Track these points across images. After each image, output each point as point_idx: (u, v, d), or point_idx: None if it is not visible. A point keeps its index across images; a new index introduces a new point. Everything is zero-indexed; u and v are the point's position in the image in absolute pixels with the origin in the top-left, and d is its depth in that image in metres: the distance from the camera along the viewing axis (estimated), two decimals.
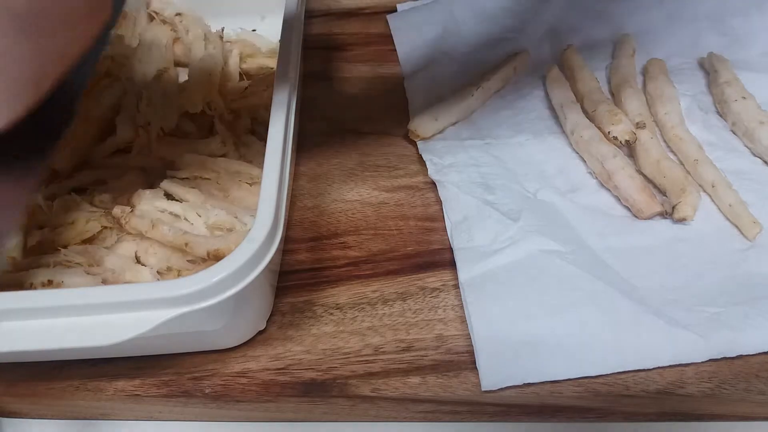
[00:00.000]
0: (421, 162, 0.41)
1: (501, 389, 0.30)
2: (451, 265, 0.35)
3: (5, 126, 0.20)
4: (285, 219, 0.31)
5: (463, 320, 0.33)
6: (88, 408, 0.33)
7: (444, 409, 0.32)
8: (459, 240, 0.36)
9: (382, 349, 0.32)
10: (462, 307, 0.34)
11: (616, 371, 0.31)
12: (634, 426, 0.32)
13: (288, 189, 0.33)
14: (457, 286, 0.34)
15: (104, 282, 0.33)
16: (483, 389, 0.30)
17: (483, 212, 0.37)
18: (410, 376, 0.31)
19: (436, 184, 0.39)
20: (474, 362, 0.31)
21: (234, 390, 0.31)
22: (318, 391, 0.31)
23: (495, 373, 0.30)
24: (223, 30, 0.47)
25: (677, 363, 0.31)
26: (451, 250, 0.36)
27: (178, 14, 0.46)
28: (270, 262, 0.28)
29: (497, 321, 0.32)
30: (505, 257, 0.35)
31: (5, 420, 0.34)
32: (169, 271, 0.35)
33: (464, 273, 0.34)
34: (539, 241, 0.35)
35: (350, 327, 0.33)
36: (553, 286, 0.33)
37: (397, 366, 0.32)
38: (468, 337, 0.32)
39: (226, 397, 0.31)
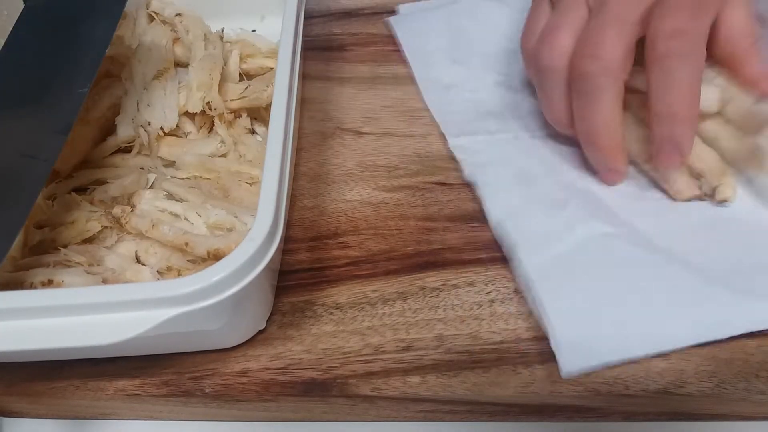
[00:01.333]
0: (422, 162, 0.41)
1: (580, 373, 0.30)
2: (451, 264, 0.35)
3: None
4: (285, 219, 0.31)
5: (463, 320, 0.33)
6: (88, 407, 0.33)
7: (444, 408, 0.32)
8: (509, 235, 0.35)
9: (382, 349, 0.32)
10: (462, 307, 0.34)
11: (690, 344, 0.31)
12: (634, 426, 0.32)
13: (288, 189, 0.33)
14: (457, 286, 0.34)
15: (104, 281, 0.33)
16: (563, 374, 0.30)
17: (529, 205, 0.37)
18: (410, 375, 0.31)
19: (474, 184, 0.39)
20: (473, 362, 0.31)
21: (234, 389, 0.31)
22: (318, 390, 0.31)
23: (574, 356, 0.30)
24: (223, 30, 0.47)
25: (751, 330, 0.31)
26: (450, 249, 0.36)
27: (178, 15, 0.46)
28: (270, 261, 0.28)
29: (570, 305, 0.32)
30: (563, 244, 0.34)
31: (5, 420, 0.34)
32: (170, 271, 0.35)
33: (527, 263, 0.34)
34: (593, 226, 0.35)
35: (350, 326, 0.33)
36: (618, 266, 0.33)
37: (397, 365, 0.32)
38: (468, 336, 0.32)
39: (227, 396, 0.31)
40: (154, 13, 0.46)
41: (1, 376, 0.33)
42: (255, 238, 0.28)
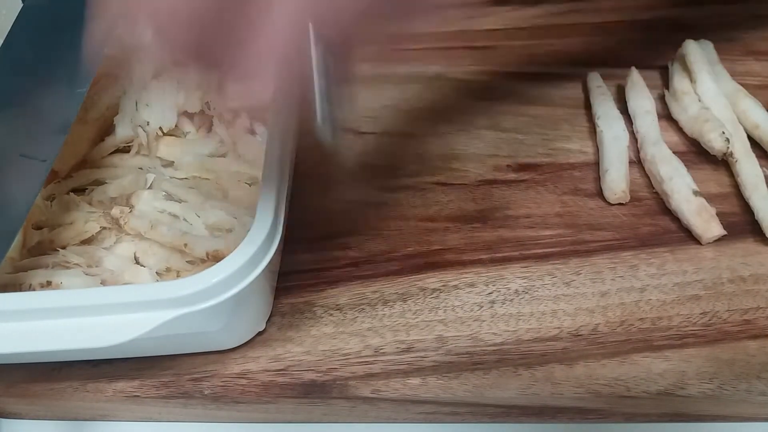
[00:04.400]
0: (422, 162, 0.41)
1: None
2: (452, 265, 0.35)
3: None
4: (284, 219, 0.31)
5: (464, 321, 0.33)
6: (87, 409, 0.33)
7: (444, 410, 0.32)
8: None
9: (382, 351, 0.32)
10: (462, 308, 0.33)
11: None
12: (635, 427, 0.32)
13: (287, 189, 0.33)
14: (457, 287, 0.34)
15: (103, 283, 0.33)
16: None
17: None
18: (410, 377, 0.31)
19: None
20: (473, 363, 0.31)
21: (234, 391, 0.31)
22: (318, 392, 0.31)
23: None
24: None
25: None
26: (450, 250, 0.36)
27: None
28: (269, 262, 0.28)
29: None
30: None
31: (4, 421, 0.34)
32: (169, 272, 0.34)
33: None
34: None
35: (350, 328, 0.33)
36: None
37: (397, 367, 0.32)
38: (468, 338, 0.32)
39: (226, 398, 0.31)
40: None
41: (0, 377, 0.32)
42: (254, 239, 0.28)
